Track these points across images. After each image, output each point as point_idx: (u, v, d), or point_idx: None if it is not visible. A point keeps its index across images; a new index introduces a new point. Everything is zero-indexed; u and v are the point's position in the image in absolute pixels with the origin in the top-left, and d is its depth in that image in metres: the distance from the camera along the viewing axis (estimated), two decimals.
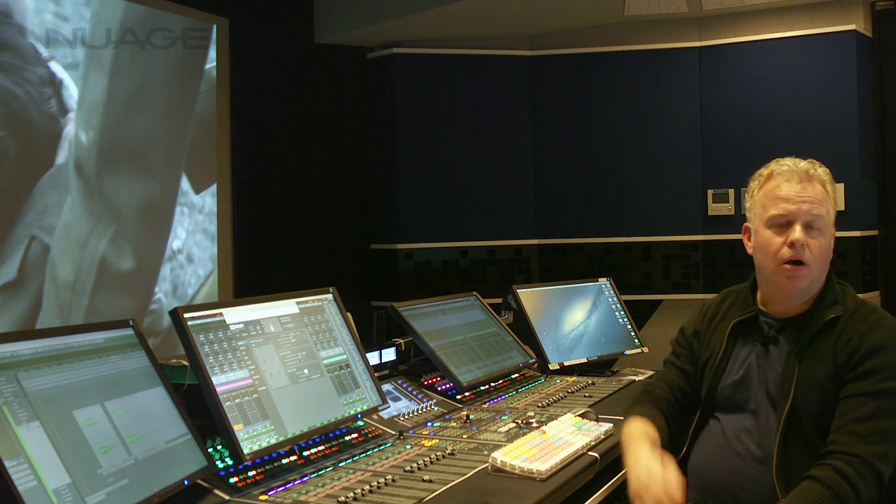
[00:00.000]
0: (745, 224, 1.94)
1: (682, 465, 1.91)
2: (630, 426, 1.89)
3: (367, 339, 2.63)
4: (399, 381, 2.55)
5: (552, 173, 5.27)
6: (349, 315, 2.32)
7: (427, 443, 2.10)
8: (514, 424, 2.24)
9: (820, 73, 4.67)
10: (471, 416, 2.36)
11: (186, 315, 1.85)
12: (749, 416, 1.83)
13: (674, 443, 1.94)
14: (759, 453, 1.78)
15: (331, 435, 2.07)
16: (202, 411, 1.83)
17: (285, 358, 2.03)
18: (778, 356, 1.83)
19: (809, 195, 1.79)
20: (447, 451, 1.99)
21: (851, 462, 1.64)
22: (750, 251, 1.91)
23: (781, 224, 1.80)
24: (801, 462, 1.73)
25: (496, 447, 1.96)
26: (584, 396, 2.60)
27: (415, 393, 2.51)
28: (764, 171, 1.89)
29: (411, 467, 1.88)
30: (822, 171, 1.85)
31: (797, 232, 1.77)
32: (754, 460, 1.79)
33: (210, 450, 1.82)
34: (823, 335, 1.79)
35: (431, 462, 1.92)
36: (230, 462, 1.81)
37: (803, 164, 1.85)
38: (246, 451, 1.79)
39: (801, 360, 1.77)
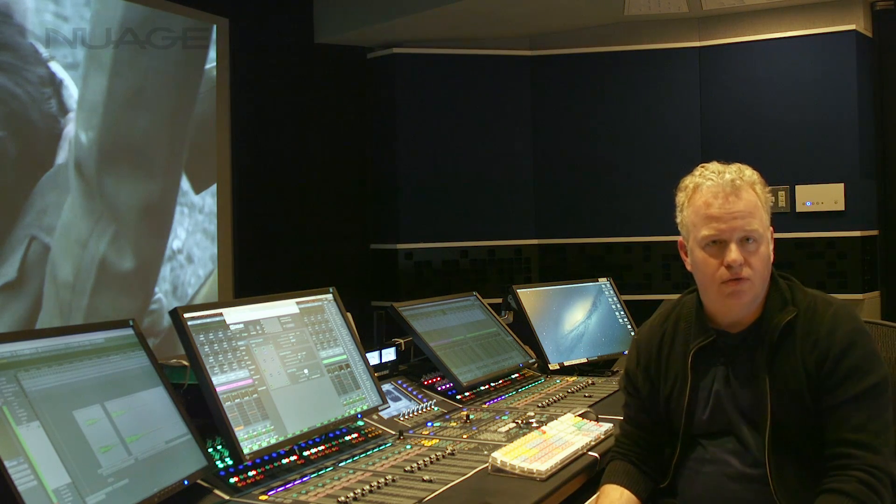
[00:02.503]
0: (680, 240, 1.84)
1: (671, 492, 1.87)
2: (600, 498, 1.85)
3: (367, 339, 2.62)
4: (399, 381, 2.55)
5: (552, 173, 5.27)
6: (349, 315, 2.32)
7: (427, 443, 2.10)
8: (514, 424, 2.24)
9: (820, 73, 4.68)
10: (471, 416, 2.35)
11: (186, 315, 1.85)
12: (732, 439, 1.77)
13: (656, 472, 1.90)
14: (754, 473, 1.73)
15: (331, 435, 2.07)
16: (202, 411, 1.83)
17: (285, 358, 2.03)
18: (743, 374, 1.76)
19: (740, 209, 1.70)
20: (447, 451, 1.99)
21: (872, 472, 1.61)
22: (689, 268, 1.82)
23: (715, 243, 1.71)
24: (796, 475, 1.69)
25: (496, 447, 1.96)
26: (584, 396, 2.60)
27: (415, 393, 2.51)
28: (689, 183, 1.79)
29: (411, 467, 1.88)
30: (749, 175, 1.75)
31: (733, 252, 1.69)
32: (750, 481, 1.73)
33: (210, 450, 1.81)
34: (784, 341, 1.72)
35: (431, 462, 1.92)
36: (230, 462, 1.81)
37: (729, 173, 1.74)
38: (246, 451, 1.79)
39: (769, 373, 1.72)
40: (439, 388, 2.57)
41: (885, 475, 1.62)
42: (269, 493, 1.73)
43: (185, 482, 1.65)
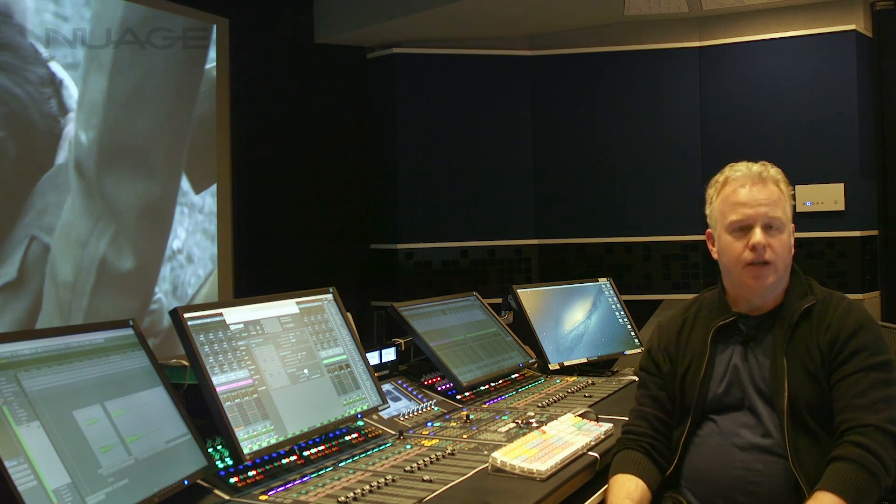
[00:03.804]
0: (708, 230, 1.99)
1: (676, 475, 1.91)
2: (614, 488, 1.87)
3: (367, 339, 2.62)
4: (399, 381, 2.55)
5: (552, 173, 5.27)
6: (349, 315, 2.32)
7: (427, 443, 2.10)
8: (514, 424, 2.24)
9: (820, 73, 4.67)
10: (471, 416, 2.36)
11: (186, 315, 1.85)
12: (745, 413, 1.85)
13: (664, 459, 1.94)
14: (765, 443, 1.80)
15: (331, 435, 2.07)
16: (202, 411, 1.83)
17: (285, 358, 2.03)
18: (762, 352, 1.87)
19: (765, 197, 1.86)
20: (447, 451, 1.99)
21: (865, 432, 1.69)
22: (715, 256, 1.96)
23: (741, 228, 1.86)
24: (809, 450, 1.76)
25: (496, 447, 1.96)
26: (584, 396, 2.60)
27: (415, 393, 2.51)
28: (720, 178, 1.95)
29: (411, 467, 1.88)
30: (774, 172, 1.91)
31: (757, 235, 1.83)
32: (762, 451, 1.80)
33: (210, 450, 1.81)
34: (802, 325, 1.84)
35: (431, 462, 1.92)
36: (230, 462, 1.81)
37: (756, 167, 1.91)
38: (246, 451, 1.79)
39: (787, 352, 1.82)
40: (439, 388, 2.57)
41: (883, 435, 1.69)
42: (269, 493, 1.73)
43: (185, 482, 1.65)
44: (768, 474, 1.77)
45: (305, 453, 1.95)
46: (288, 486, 1.78)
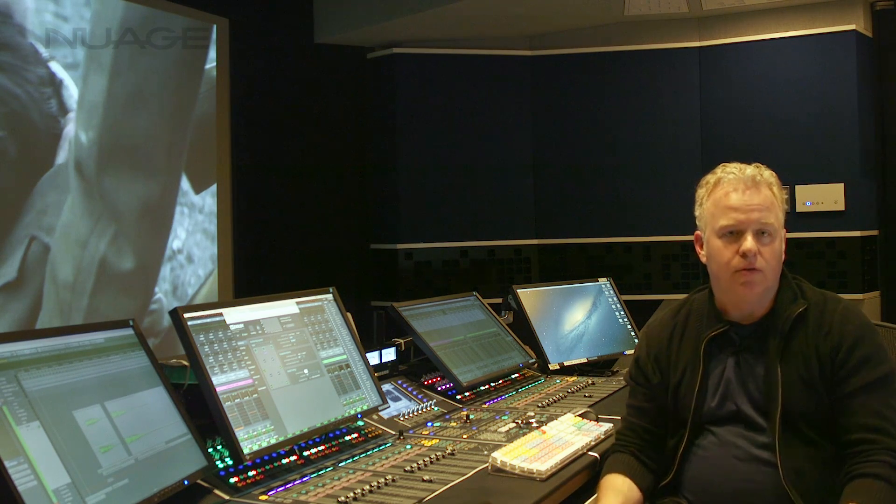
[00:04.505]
0: (697, 232, 1.93)
1: (675, 484, 1.89)
2: (600, 490, 1.86)
3: (367, 339, 2.62)
4: (399, 381, 2.55)
5: (552, 173, 5.27)
6: (349, 315, 2.32)
7: (427, 443, 2.10)
8: (514, 424, 2.24)
9: (820, 73, 4.68)
10: (471, 416, 2.35)
11: (186, 315, 1.85)
12: (742, 424, 1.81)
13: (656, 464, 1.93)
14: (763, 455, 1.77)
15: (331, 435, 2.07)
16: (202, 411, 1.83)
17: (285, 358, 2.03)
18: (754, 362, 1.82)
19: (758, 203, 1.79)
20: (447, 451, 1.99)
21: (894, 455, 1.67)
22: (703, 260, 1.90)
23: (732, 233, 1.80)
24: (806, 460, 1.73)
25: (496, 447, 1.96)
26: (584, 396, 2.60)
27: (415, 393, 2.51)
28: (711, 178, 1.88)
29: (411, 467, 1.88)
30: (768, 175, 1.84)
31: (749, 241, 1.77)
32: (760, 463, 1.77)
33: (210, 450, 1.81)
34: (796, 331, 1.79)
35: (431, 462, 1.92)
36: (230, 462, 1.81)
37: (749, 170, 1.84)
38: (246, 451, 1.79)
39: (781, 361, 1.77)
40: (439, 388, 2.57)
41: None
42: (269, 493, 1.73)
43: (185, 482, 1.65)
44: (768, 486, 1.74)
45: (305, 453, 1.95)
46: (288, 486, 1.78)
